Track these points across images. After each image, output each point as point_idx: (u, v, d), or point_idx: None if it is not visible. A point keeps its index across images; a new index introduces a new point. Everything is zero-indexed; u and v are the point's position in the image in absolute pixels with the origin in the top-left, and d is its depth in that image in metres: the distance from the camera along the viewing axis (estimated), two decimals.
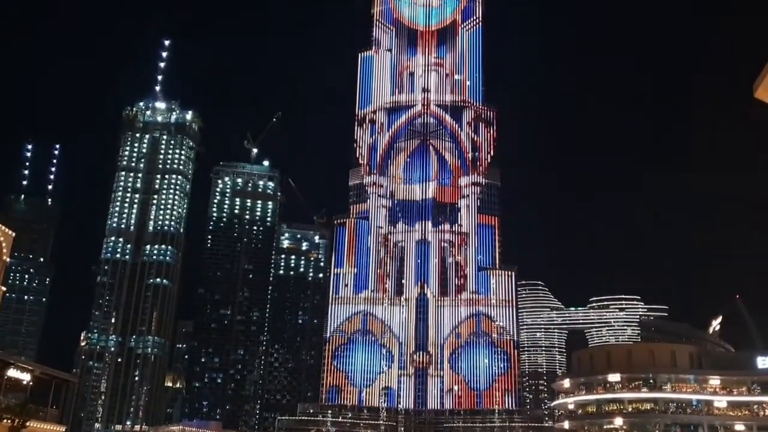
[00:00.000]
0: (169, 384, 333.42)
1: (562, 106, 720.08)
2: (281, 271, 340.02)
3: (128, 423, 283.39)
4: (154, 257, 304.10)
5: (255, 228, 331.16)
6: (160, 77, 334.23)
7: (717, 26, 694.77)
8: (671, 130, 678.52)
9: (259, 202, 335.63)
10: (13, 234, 76.76)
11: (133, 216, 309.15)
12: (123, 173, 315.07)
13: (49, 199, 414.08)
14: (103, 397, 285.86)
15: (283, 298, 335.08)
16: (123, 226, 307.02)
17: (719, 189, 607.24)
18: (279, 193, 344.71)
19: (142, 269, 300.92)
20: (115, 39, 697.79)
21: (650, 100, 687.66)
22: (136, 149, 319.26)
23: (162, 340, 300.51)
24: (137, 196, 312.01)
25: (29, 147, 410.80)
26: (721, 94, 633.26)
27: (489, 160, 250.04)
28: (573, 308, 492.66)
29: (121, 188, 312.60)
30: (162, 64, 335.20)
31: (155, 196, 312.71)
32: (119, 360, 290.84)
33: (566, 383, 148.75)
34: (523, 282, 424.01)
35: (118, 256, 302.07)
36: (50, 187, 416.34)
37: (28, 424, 62.07)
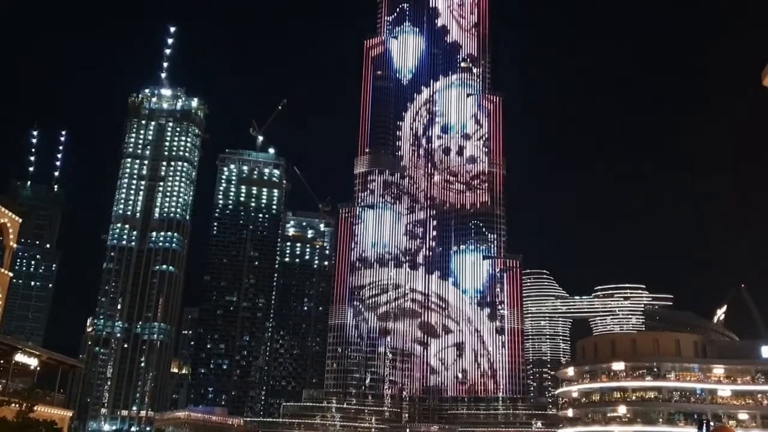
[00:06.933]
0: (175, 370, 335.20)
1: (566, 95, 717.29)
2: (287, 259, 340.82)
3: (134, 408, 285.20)
4: (160, 244, 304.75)
5: (261, 215, 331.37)
6: (165, 64, 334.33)
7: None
8: (673, 122, 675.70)
9: (265, 189, 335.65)
10: (20, 220, 76.84)
11: (139, 203, 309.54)
12: (129, 160, 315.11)
13: (55, 186, 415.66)
14: (109, 383, 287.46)
15: (288, 285, 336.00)
16: (129, 212, 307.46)
17: (724, 178, 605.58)
18: (284, 181, 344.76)
19: (148, 256, 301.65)
20: (122, 26, 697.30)
21: (650, 94, 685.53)
22: (141, 136, 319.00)
23: (168, 326, 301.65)
24: (143, 182, 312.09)
25: (35, 133, 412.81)
26: (726, 89, 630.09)
27: (494, 148, 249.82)
28: (577, 297, 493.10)
29: (126, 175, 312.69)
30: (168, 51, 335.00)
31: (161, 183, 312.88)
32: (125, 346, 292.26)
33: (570, 371, 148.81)
34: (528, 271, 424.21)
35: (124, 242, 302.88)
36: (56, 173, 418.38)
37: (35, 408, 62.43)
